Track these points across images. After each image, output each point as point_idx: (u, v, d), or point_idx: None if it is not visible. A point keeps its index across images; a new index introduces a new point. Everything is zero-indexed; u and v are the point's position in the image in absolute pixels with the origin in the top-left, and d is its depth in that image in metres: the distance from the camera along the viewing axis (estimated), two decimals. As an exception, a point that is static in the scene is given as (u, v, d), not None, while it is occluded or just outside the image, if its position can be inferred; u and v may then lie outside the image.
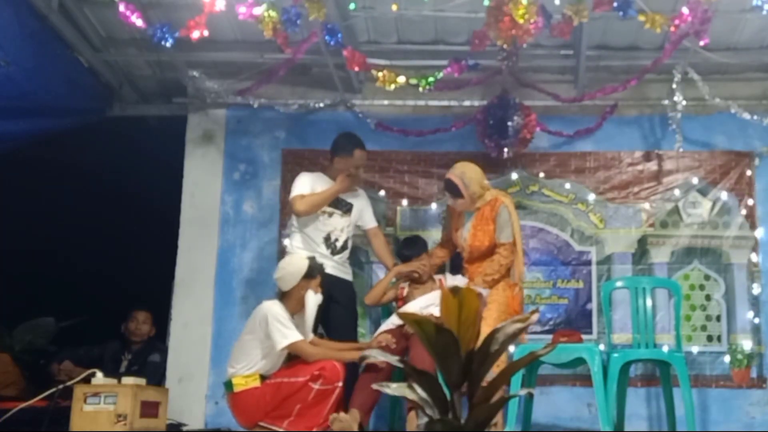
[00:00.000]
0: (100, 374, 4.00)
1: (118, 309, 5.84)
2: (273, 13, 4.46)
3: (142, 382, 4.03)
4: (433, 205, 5.60)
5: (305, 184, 4.80)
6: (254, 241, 5.63)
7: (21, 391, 5.24)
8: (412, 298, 4.72)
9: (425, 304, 4.55)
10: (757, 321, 5.36)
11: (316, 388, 4.11)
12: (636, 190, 5.60)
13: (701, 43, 4.64)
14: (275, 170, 5.72)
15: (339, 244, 4.82)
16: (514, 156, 5.38)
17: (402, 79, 5.03)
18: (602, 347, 4.80)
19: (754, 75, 5.69)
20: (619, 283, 4.89)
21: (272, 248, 5.58)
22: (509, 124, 5.20)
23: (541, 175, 5.62)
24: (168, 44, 4.63)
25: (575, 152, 5.65)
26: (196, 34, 4.49)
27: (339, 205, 4.86)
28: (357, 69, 5.06)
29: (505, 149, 5.26)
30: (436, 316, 4.10)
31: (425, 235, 5.45)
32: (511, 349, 4.28)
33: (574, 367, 4.63)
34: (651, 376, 5.19)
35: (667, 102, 5.45)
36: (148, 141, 6.27)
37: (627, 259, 5.50)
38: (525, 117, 5.25)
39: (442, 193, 5.00)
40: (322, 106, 5.74)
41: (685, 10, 4.40)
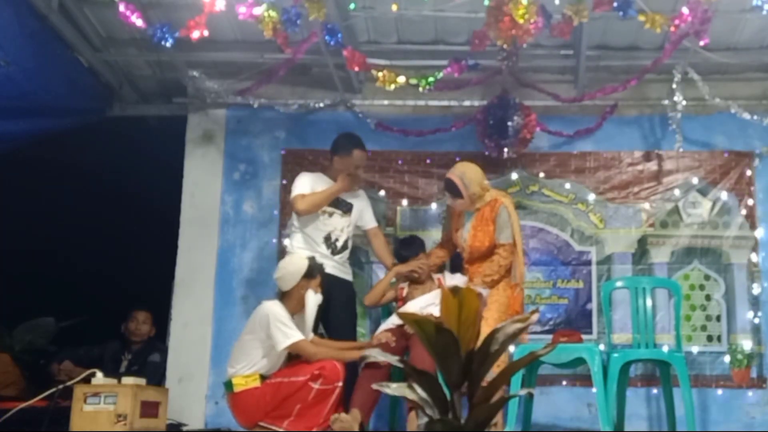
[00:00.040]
0: (100, 374, 3.99)
1: (118, 309, 5.84)
2: (273, 13, 4.46)
3: (142, 382, 4.03)
4: (433, 205, 5.60)
5: (306, 184, 4.80)
6: (254, 241, 5.63)
7: (21, 391, 5.24)
8: (411, 298, 4.72)
9: (425, 304, 4.56)
10: (757, 321, 5.36)
11: (316, 388, 4.11)
12: (636, 190, 5.60)
13: (701, 43, 4.64)
14: (275, 170, 5.72)
15: (339, 243, 4.83)
16: (514, 156, 5.38)
17: (402, 79, 5.03)
18: (602, 347, 4.80)
19: (754, 75, 5.69)
20: (619, 283, 4.89)
21: (272, 248, 5.58)
22: (509, 124, 5.21)
23: (541, 175, 5.62)
24: (168, 44, 4.63)
25: (575, 152, 5.65)
26: (196, 34, 4.49)
27: (339, 205, 4.86)
28: (357, 69, 5.06)
29: (505, 149, 5.27)
30: (435, 315, 4.11)
31: (425, 235, 5.46)
32: (511, 349, 4.28)
33: (574, 367, 4.63)
34: (651, 376, 5.20)
35: (667, 102, 5.45)
36: (148, 141, 6.27)
37: (627, 259, 5.50)
38: (525, 117, 5.26)
39: (442, 193, 5.00)
40: (322, 106, 5.74)
41: (685, 10, 4.40)
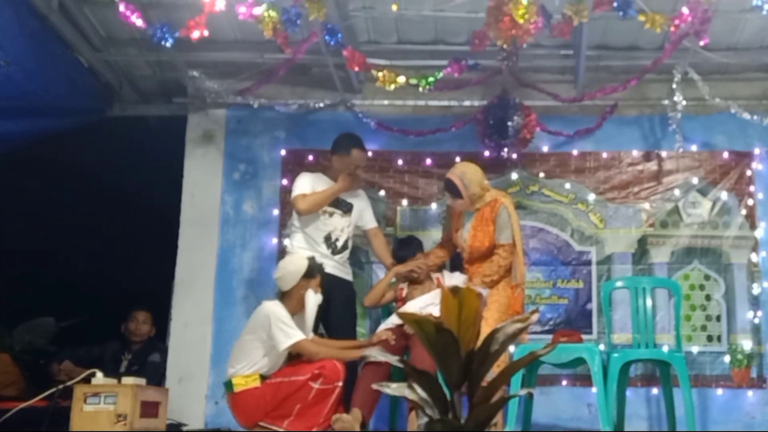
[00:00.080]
0: (100, 374, 3.99)
1: (118, 309, 5.83)
2: (273, 13, 4.46)
3: (142, 382, 4.03)
4: (433, 205, 5.60)
5: (306, 184, 4.80)
6: (254, 241, 5.63)
7: (21, 391, 5.24)
8: (411, 298, 4.72)
9: (424, 304, 4.56)
10: (757, 321, 5.36)
11: (316, 388, 4.11)
12: (636, 190, 5.60)
13: (701, 43, 4.64)
14: (275, 170, 5.72)
15: (339, 243, 4.83)
16: (514, 156, 5.37)
17: (402, 79, 5.03)
18: (602, 347, 4.80)
19: (754, 75, 5.70)
20: (619, 283, 4.89)
21: (272, 248, 5.58)
22: (509, 124, 5.20)
23: (541, 175, 5.62)
24: (168, 44, 4.64)
25: (575, 152, 5.65)
26: (196, 34, 4.49)
27: (340, 205, 4.86)
28: (357, 69, 5.06)
29: (505, 149, 5.27)
30: (435, 315, 4.11)
31: (425, 235, 5.46)
32: (511, 349, 4.28)
33: (574, 367, 4.63)
34: (651, 376, 5.20)
35: (667, 102, 5.45)
36: (148, 141, 6.27)
37: (627, 259, 5.50)
38: (525, 117, 5.26)
39: (442, 193, 4.99)
40: (322, 106, 5.74)
41: (685, 10, 4.40)
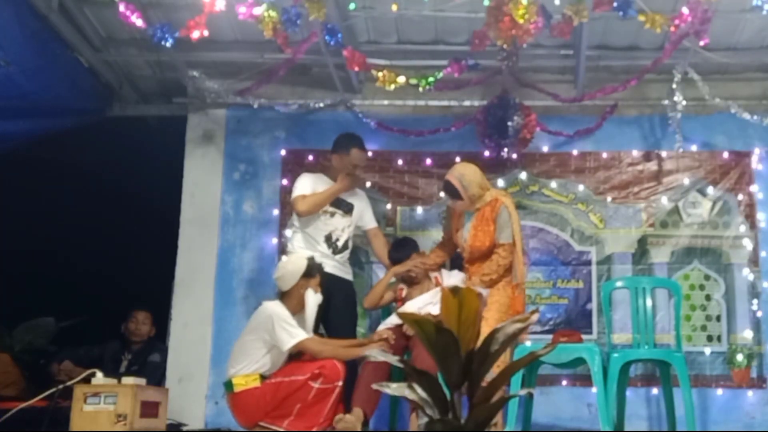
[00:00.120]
0: (100, 374, 3.99)
1: (118, 309, 5.83)
2: (273, 13, 4.46)
3: (142, 382, 4.02)
4: (433, 205, 5.60)
5: (306, 185, 4.80)
6: (254, 241, 5.63)
7: (21, 391, 5.23)
8: (410, 298, 4.71)
9: (423, 304, 4.56)
10: (757, 321, 5.36)
11: (316, 387, 4.11)
12: (636, 190, 5.60)
13: (701, 43, 4.64)
14: (275, 170, 5.72)
15: (340, 243, 4.83)
16: (514, 156, 5.37)
17: (402, 79, 5.03)
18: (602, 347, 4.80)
19: (754, 75, 5.70)
20: (619, 283, 4.89)
21: (272, 248, 5.58)
22: (509, 124, 5.21)
23: (541, 175, 5.62)
24: (168, 44, 4.64)
25: (575, 152, 5.65)
26: (196, 34, 4.49)
27: (340, 205, 4.86)
28: (357, 69, 5.06)
29: (505, 149, 5.27)
30: (433, 315, 4.11)
31: (425, 235, 5.47)
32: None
33: (574, 367, 4.62)
34: (651, 376, 5.20)
35: (667, 102, 5.44)
36: (148, 141, 6.26)
37: (627, 259, 5.50)
38: (525, 117, 5.26)
39: (442, 193, 5.00)
40: (322, 106, 5.74)
41: (685, 10, 4.40)
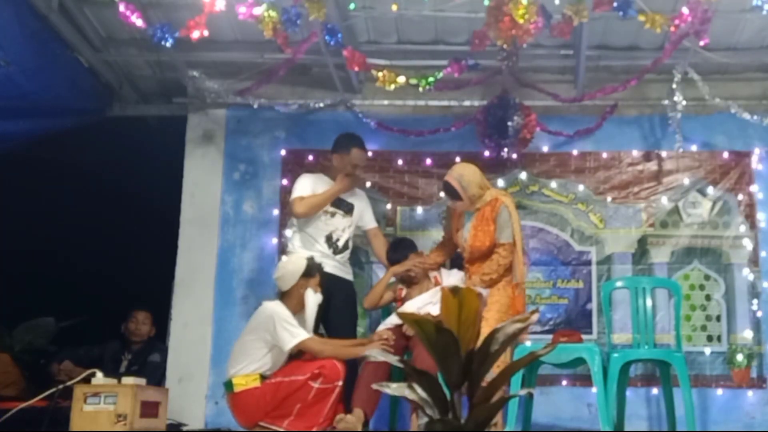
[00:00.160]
0: (100, 374, 3.99)
1: (118, 309, 5.83)
2: (273, 13, 4.46)
3: (142, 382, 4.02)
4: (433, 205, 5.60)
5: (306, 186, 4.80)
6: (254, 241, 5.63)
7: (21, 391, 5.23)
8: (410, 298, 4.71)
9: (422, 304, 4.55)
10: (757, 321, 5.36)
11: (315, 387, 4.10)
12: (636, 190, 5.60)
13: (701, 43, 4.64)
14: (275, 170, 5.72)
15: (341, 243, 4.83)
16: (514, 156, 5.37)
17: (402, 79, 5.03)
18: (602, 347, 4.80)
19: (754, 75, 5.70)
20: (619, 283, 4.88)
21: (272, 248, 5.58)
22: (509, 124, 5.20)
23: (541, 175, 5.62)
24: (168, 44, 4.64)
25: (575, 152, 5.65)
26: (196, 34, 4.49)
27: (341, 205, 4.86)
28: (357, 69, 5.06)
29: (505, 149, 5.27)
30: (433, 314, 4.11)
31: (425, 235, 5.47)
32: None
33: (574, 367, 4.62)
34: (651, 376, 5.20)
35: (667, 102, 5.44)
36: (148, 141, 6.26)
37: (627, 259, 5.50)
38: (525, 117, 5.26)
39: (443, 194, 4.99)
40: (322, 106, 5.74)
41: (685, 10, 4.41)
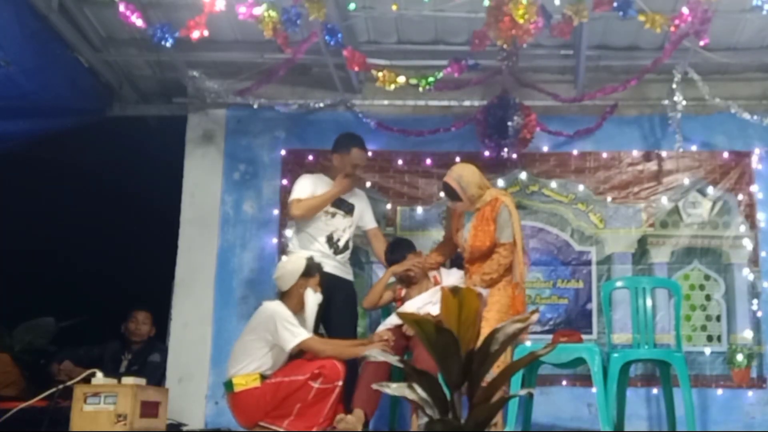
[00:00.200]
0: (100, 374, 3.99)
1: (118, 309, 5.83)
2: (273, 13, 4.46)
3: (142, 382, 4.02)
4: (433, 205, 5.60)
5: (305, 187, 4.79)
6: (254, 241, 5.63)
7: (21, 391, 5.24)
8: (409, 298, 4.70)
9: (422, 304, 4.55)
10: (757, 321, 5.36)
11: (315, 387, 4.10)
12: (636, 190, 5.60)
13: (701, 43, 4.64)
14: (275, 170, 5.71)
15: (341, 244, 4.83)
16: (514, 156, 5.37)
17: (402, 79, 5.02)
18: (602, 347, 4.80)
19: (754, 75, 5.70)
20: (619, 283, 4.89)
21: (272, 248, 5.58)
22: (509, 124, 5.20)
23: (541, 175, 5.62)
24: (168, 44, 4.63)
25: (575, 152, 5.65)
26: (196, 34, 4.48)
27: (341, 205, 4.86)
28: (357, 69, 5.06)
29: (505, 149, 5.27)
30: (432, 314, 4.10)
31: (425, 235, 5.47)
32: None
33: (574, 367, 4.63)
34: (651, 376, 5.19)
35: (667, 102, 5.44)
36: (148, 141, 6.27)
37: (627, 259, 5.50)
38: (525, 117, 5.26)
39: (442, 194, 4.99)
40: (322, 106, 5.74)
41: (685, 10, 4.40)
